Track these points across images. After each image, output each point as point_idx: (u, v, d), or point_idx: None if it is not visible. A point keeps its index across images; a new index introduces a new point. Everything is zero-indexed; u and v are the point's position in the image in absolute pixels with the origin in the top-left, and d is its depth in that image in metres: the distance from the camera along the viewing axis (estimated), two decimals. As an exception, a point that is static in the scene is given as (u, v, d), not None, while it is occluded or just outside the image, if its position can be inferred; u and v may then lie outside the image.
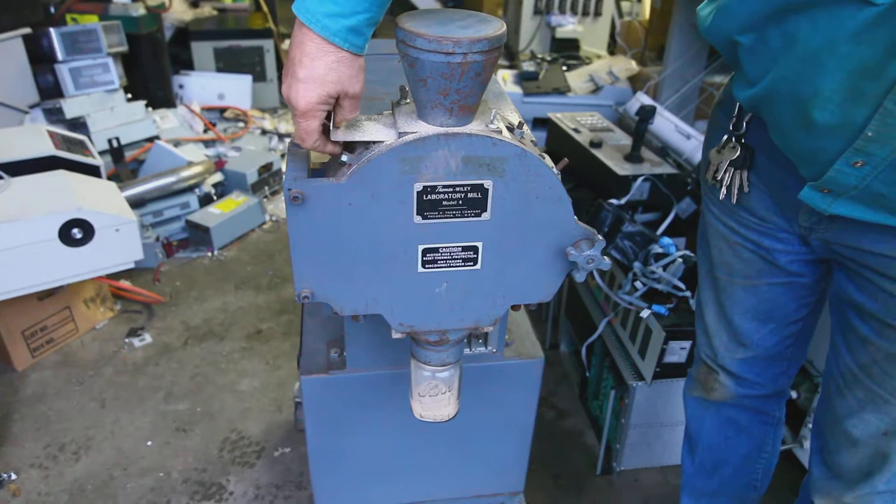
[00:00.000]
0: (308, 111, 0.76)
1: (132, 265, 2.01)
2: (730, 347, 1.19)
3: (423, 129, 0.75)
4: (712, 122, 1.10)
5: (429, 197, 0.77)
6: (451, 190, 0.77)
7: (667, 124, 2.13)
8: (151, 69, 3.54)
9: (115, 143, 2.90)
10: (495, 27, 0.72)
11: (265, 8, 4.72)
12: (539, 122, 2.91)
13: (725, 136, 1.02)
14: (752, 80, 0.87)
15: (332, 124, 0.82)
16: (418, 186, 0.76)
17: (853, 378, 0.97)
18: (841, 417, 1.01)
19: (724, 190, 1.03)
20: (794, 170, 0.89)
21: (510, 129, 0.81)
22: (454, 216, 0.79)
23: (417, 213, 0.78)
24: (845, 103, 0.74)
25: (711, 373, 1.25)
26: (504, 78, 3.14)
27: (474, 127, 0.77)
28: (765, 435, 1.30)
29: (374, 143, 0.77)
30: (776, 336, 1.15)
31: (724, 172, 1.02)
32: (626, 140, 2.01)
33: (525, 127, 0.84)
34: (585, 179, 1.95)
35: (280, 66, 4.42)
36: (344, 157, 0.78)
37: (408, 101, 0.82)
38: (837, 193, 0.83)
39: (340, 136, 0.78)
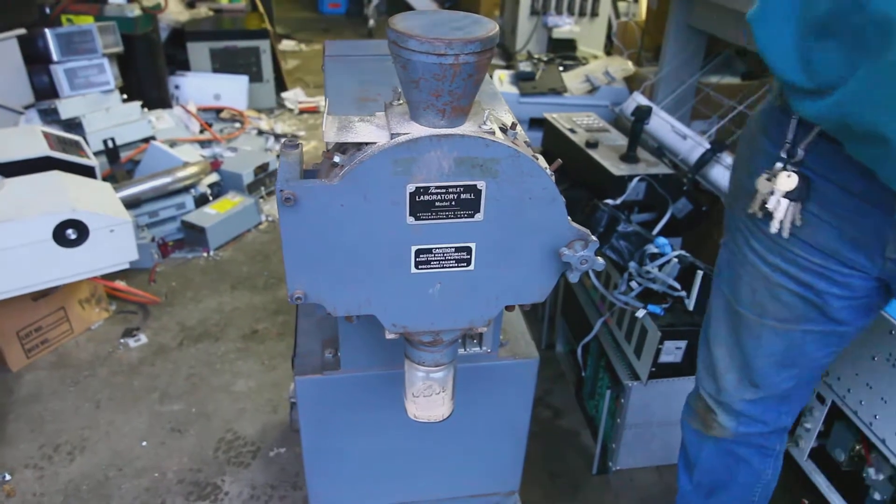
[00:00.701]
0: None
1: (127, 266, 2.01)
2: (740, 388, 1.12)
3: (416, 130, 0.75)
4: (753, 149, 1.00)
5: (421, 198, 0.77)
6: (443, 191, 0.77)
7: (663, 124, 2.13)
8: (147, 70, 3.53)
9: (110, 144, 2.90)
10: (487, 28, 0.72)
11: (261, 9, 4.72)
12: (535, 123, 2.91)
13: (779, 165, 0.92)
14: (833, 84, 0.75)
15: None
16: (411, 187, 0.76)
17: None
18: None
19: (776, 223, 0.94)
20: (874, 196, 0.81)
21: (503, 129, 0.81)
22: (447, 217, 0.79)
23: (410, 214, 0.78)
24: None
25: (710, 412, 1.20)
26: (501, 78, 3.14)
27: (467, 128, 0.76)
28: (764, 466, 1.26)
29: (366, 144, 0.77)
30: (793, 381, 1.08)
31: (778, 204, 0.92)
32: (622, 140, 2.01)
33: (518, 128, 0.84)
34: (581, 180, 1.96)
35: (276, 67, 4.42)
36: (336, 159, 0.78)
37: (400, 102, 0.81)
38: None
39: (333, 136, 0.78)
